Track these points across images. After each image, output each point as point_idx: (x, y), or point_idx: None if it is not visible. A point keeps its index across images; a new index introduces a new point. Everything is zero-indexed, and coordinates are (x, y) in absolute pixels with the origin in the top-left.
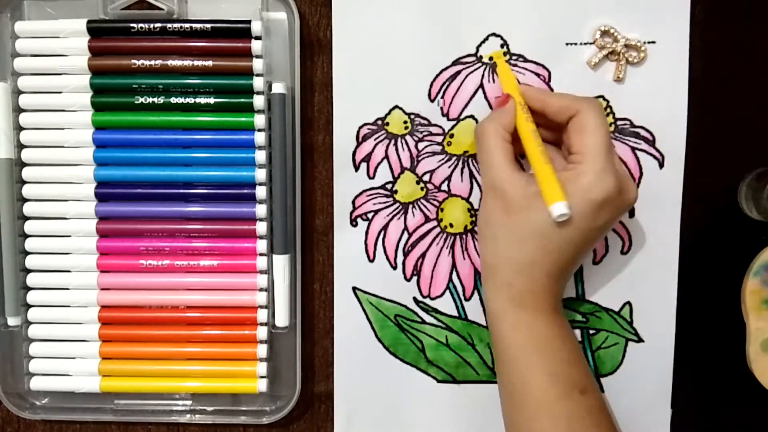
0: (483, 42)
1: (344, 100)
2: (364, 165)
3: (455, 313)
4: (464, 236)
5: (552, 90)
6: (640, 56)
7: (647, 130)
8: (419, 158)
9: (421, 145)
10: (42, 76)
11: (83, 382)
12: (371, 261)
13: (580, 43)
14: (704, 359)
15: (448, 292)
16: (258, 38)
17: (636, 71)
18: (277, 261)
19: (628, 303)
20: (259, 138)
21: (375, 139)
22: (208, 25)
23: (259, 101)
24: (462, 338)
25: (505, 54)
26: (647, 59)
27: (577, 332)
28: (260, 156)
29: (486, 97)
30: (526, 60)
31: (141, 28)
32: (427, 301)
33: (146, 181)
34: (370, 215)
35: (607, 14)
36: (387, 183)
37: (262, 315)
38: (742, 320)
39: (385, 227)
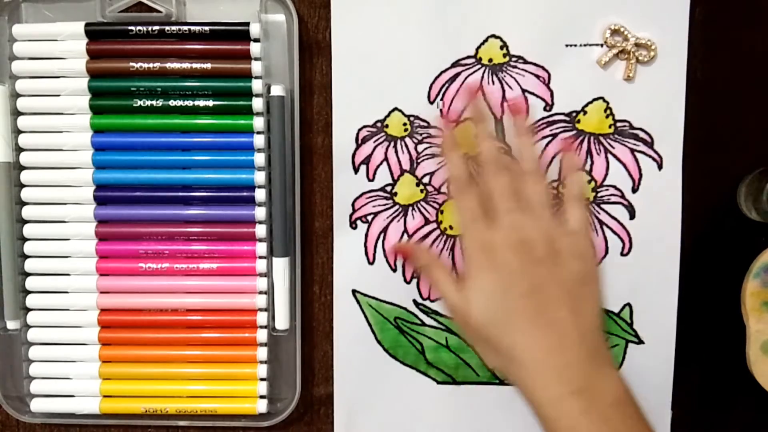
0: (482, 43)
1: (343, 102)
2: (363, 167)
3: None
4: None
5: (551, 92)
6: (650, 55)
7: (646, 132)
8: (419, 160)
9: (420, 147)
10: (40, 79)
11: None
12: (371, 263)
13: (580, 45)
14: (704, 361)
15: None
16: (257, 40)
17: (639, 71)
18: (276, 264)
19: (628, 305)
20: (258, 140)
21: (374, 141)
22: (207, 28)
23: (257, 104)
24: (462, 340)
25: (504, 56)
26: (657, 58)
27: None
28: (259, 158)
29: (486, 99)
30: (525, 62)
31: (139, 30)
32: (427, 303)
33: (145, 184)
34: (369, 217)
35: (607, 16)
36: (387, 185)
37: (261, 318)
38: (742, 322)
39: (384, 229)
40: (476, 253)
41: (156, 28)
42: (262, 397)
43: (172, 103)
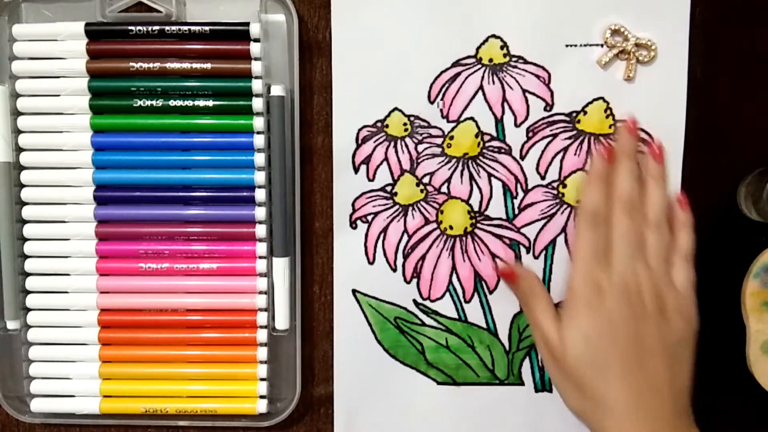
0: (483, 43)
1: (343, 102)
2: (363, 167)
3: (455, 315)
4: (464, 238)
5: (552, 92)
6: (651, 55)
7: (646, 132)
8: (419, 160)
9: (420, 147)
10: (40, 79)
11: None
12: (371, 263)
13: (581, 45)
14: (704, 361)
15: (447, 294)
16: (257, 40)
17: (639, 71)
18: (276, 264)
19: None
20: (258, 140)
21: (374, 141)
22: (207, 28)
23: (258, 104)
24: (462, 340)
25: (504, 56)
26: (657, 58)
27: None
28: (259, 159)
29: (486, 99)
30: (526, 62)
31: (139, 30)
32: (427, 303)
33: (145, 184)
34: (369, 217)
35: (608, 16)
36: (387, 185)
37: (261, 318)
38: (742, 322)
39: (384, 229)
40: (585, 291)
41: (156, 28)
42: (262, 397)
43: (172, 103)
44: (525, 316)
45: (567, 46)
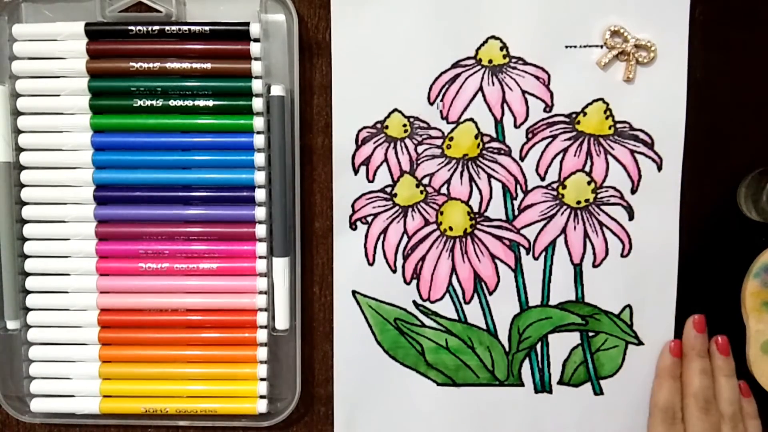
0: (482, 44)
1: (343, 102)
2: (363, 168)
3: (455, 317)
4: (464, 239)
5: (551, 93)
6: (650, 56)
7: (646, 133)
8: (419, 161)
9: (420, 149)
10: (40, 79)
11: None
12: (371, 264)
13: (580, 46)
14: None
15: (447, 295)
16: (257, 40)
17: (639, 72)
18: (276, 264)
19: (629, 306)
20: (258, 140)
21: (374, 143)
22: (207, 28)
23: (257, 104)
24: (462, 341)
25: (504, 57)
26: (656, 59)
27: (576, 334)
28: (259, 159)
29: (486, 100)
30: (525, 63)
31: (139, 30)
32: (427, 304)
33: (145, 184)
34: (369, 218)
35: (607, 17)
36: (386, 186)
37: (261, 318)
38: (741, 322)
39: (384, 231)
40: None
41: (156, 28)
42: (262, 397)
43: (172, 103)
44: (525, 317)
45: (567, 47)
